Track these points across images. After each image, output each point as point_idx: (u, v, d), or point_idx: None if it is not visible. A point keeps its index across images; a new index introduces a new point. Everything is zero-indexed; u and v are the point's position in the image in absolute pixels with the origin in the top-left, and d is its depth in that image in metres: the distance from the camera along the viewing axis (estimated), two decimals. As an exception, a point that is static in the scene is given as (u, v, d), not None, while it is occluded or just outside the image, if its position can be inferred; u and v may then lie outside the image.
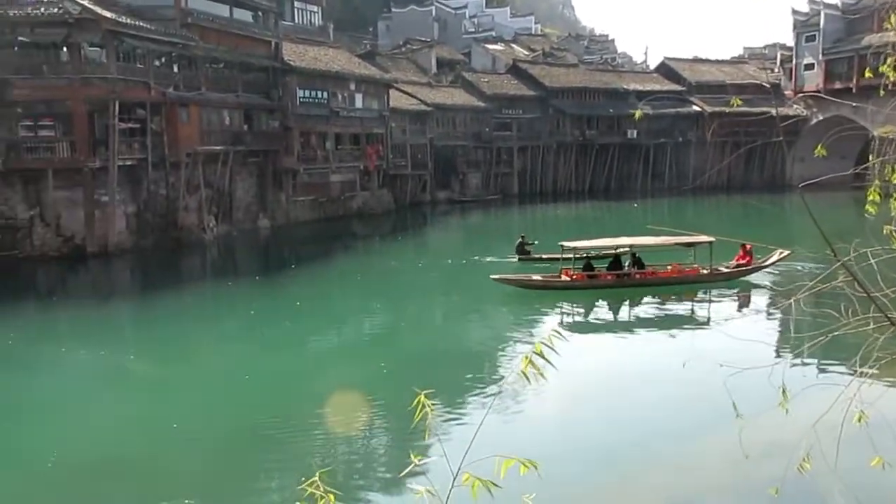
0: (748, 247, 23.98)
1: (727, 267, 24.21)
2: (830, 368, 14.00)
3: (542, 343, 3.06)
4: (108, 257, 31.09)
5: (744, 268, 24.17)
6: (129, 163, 32.04)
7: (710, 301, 22.85)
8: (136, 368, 17.83)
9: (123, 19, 31.30)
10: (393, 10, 73.02)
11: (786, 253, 22.93)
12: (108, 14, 30.47)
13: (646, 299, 22.57)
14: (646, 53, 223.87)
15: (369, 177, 48.28)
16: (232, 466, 12.00)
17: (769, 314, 21.23)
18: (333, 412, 13.13)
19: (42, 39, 30.29)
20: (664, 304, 22.31)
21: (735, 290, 23.59)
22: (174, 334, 20.74)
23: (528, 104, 60.32)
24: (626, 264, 23.98)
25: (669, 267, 24.07)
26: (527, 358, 3.06)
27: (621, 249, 24.10)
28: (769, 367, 5.38)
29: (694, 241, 23.29)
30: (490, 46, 69.35)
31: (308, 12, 54.54)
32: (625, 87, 63.97)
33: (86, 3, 30.02)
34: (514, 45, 72.20)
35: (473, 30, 74.99)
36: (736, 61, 74.11)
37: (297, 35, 47.66)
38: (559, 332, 3.17)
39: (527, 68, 62.93)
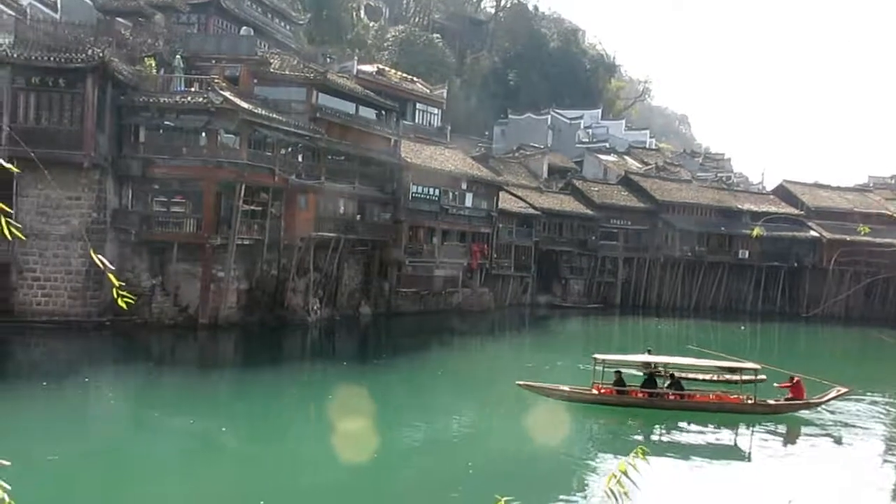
0: (796, 379, 22.34)
1: (775, 400, 22.40)
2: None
3: (627, 463, 2.97)
4: (216, 329, 32.44)
5: (793, 401, 22.27)
6: (246, 242, 33.82)
7: (753, 434, 21.03)
8: (226, 441, 18.21)
9: (258, 110, 33.79)
10: (510, 115, 75.44)
11: (843, 390, 21.57)
12: (245, 105, 32.99)
13: (681, 425, 21.06)
14: (763, 175, 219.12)
15: (472, 274, 48.78)
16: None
17: (818, 456, 19.50)
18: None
19: (185, 125, 33.00)
20: (700, 433, 20.71)
21: (781, 426, 21.70)
22: (266, 411, 21.17)
23: (637, 216, 59.95)
24: (666, 385, 22.56)
25: (711, 395, 22.56)
26: (613, 476, 2.97)
27: (658, 366, 22.98)
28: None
29: (737, 366, 22.02)
30: (602, 157, 70.05)
31: (428, 113, 57.21)
32: (739, 206, 62.63)
33: (227, 95, 32.67)
34: (626, 157, 72.60)
35: (587, 139, 76.16)
36: (860, 189, 71.36)
37: (416, 134, 49.85)
38: (644, 451, 3.07)
39: (638, 180, 62.92)
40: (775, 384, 22.73)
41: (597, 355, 22.50)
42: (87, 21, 34.69)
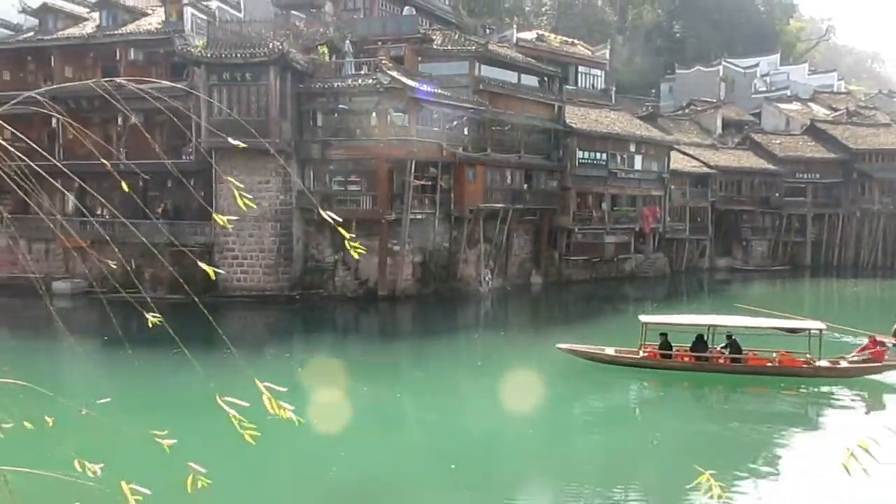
0: (878, 338, 19.72)
1: (848, 361, 19.89)
2: None
3: (869, 439, 2.86)
4: (394, 301, 33.99)
5: (872, 363, 19.60)
6: (419, 216, 34.99)
7: (822, 402, 18.90)
8: (404, 406, 19.11)
9: (424, 87, 34.61)
10: (677, 71, 71.74)
11: None
12: (411, 83, 33.94)
13: (734, 389, 19.36)
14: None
15: (644, 239, 47.37)
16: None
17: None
18: (605, 472, 12.92)
19: (357, 107, 34.53)
20: (752, 398, 18.98)
21: (858, 391, 19.21)
22: (441, 378, 21.95)
23: (827, 168, 55.17)
24: (721, 347, 20.72)
25: (775, 354, 20.34)
26: (849, 451, 2.89)
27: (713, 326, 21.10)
28: None
29: (798, 326, 19.93)
30: (783, 106, 64.92)
31: (591, 76, 55.82)
32: (950, 149, 55.83)
33: (394, 74, 33.76)
34: (811, 105, 66.83)
35: (765, 89, 70.84)
36: None
37: (579, 98, 48.87)
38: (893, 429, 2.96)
39: (827, 128, 57.77)
40: (855, 348, 20.41)
41: (642, 317, 21.48)
42: (266, 17, 37.17)
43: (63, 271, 35.27)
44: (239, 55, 32.23)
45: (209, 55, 32.42)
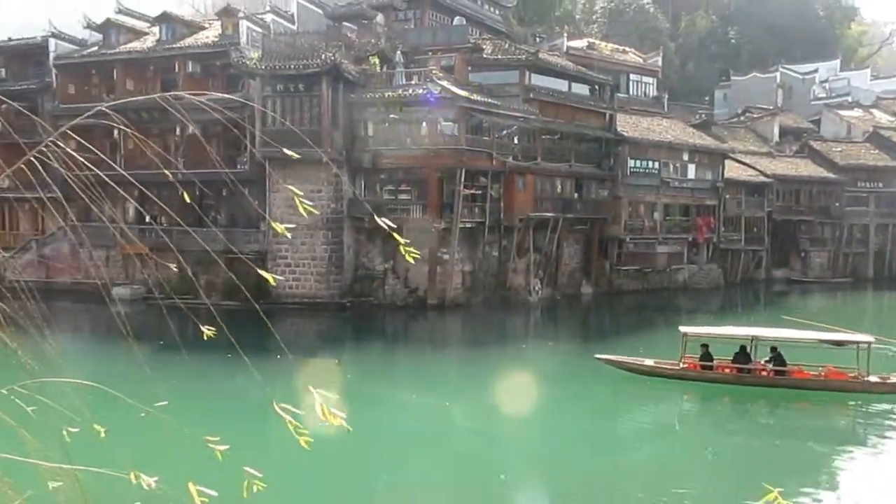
0: None
1: None
2: None
3: None
4: (443, 310, 34.04)
5: None
6: (468, 225, 35.03)
7: (874, 420, 17.97)
8: (452, 415, 19.07)
9: (474, 96, 34.72)
10: (732, 77, 70.33)
11: None
12: (462, 92, 34.06)
13: (777, 403, 18.71)
14: None
15: (697, 249, 46.51)
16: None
17: None
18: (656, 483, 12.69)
19: (407, 116, 34.80)
20: (805, 415, 18.22)
21: None
22: (488, 388, 21.83)
23: (891, 176, 53.31)
24: (765, 360, 19.93)
25: (821, 368, 19.44)
26: None
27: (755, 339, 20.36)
28: None
29: (845, 339, 19.10)
30: (844, 113, 63.04)
31: (643, 84, 55.12)
32: None
33: (444, 84, 33.93)
34: (874, 111, 64.74)
35: (825, 95, 68.89)
36: None
37: (631, 106, 48.33)
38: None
39: (890, 136, 55.91)
40: None
41: (682, 328, 21.02)
42: (319, 29, 37.83)
43: (123, 277, 36.34)
44: (292, 66, 32.85)
45: (264, 67, 33.13)
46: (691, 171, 45.64)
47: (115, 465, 3.40)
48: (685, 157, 45.34)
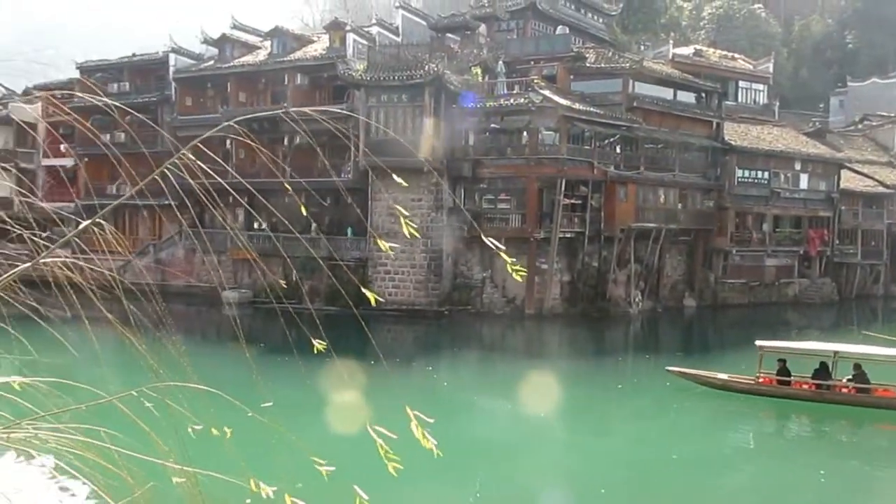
0: None
1: None
2: None
3: None
4: (541, 320, 33.76)
5: None
6: (568, 235, 34.66)
7: None
8: (547, 427, 18.83)
9: (576, 105, 34.38)
10: (849, 83, 66.57)
11: None
12: (563, 101, 33.81)
13: (865, 424, 17.47)
14: None
15: (809, 263, 44.23)
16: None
17: None
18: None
19: (508, 126, 34.83)
20: (888, 437, 16.89)
21: None
22: (585, 400, 21.48)
23: None
24: (847, 378, 18.56)
25: None
26: None
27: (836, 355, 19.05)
28: None
29: None
30: (977, 120, 58.52)
31: (753, 91, 52.94)
32: None
33: (546, 93, 33.78)
34: None
35: (957, 101, 64.18)
36: None
37: (739, 114, 46.54)
38: None
39: None
40: None
41: (759, 342, 19.93)
42: (422, 40, 38.47)
43: (231, 282, 37.99)
44: (397, 78, 33.55)
45: (369, 78, 33.97)
46: (804, 182, 43.53)
47: (222, 466, 3.55)
48: (797, 166, 43.30)
